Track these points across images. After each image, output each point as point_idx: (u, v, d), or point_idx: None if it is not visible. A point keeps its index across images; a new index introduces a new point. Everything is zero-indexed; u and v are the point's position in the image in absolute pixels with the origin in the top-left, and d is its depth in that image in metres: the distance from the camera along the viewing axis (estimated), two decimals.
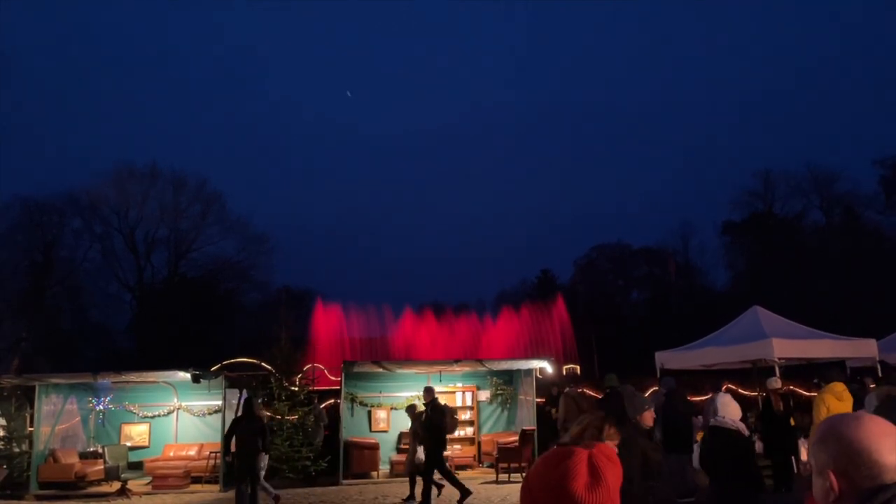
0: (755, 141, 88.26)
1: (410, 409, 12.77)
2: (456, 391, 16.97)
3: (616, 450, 4.05)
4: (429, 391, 12.28)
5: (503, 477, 14.07)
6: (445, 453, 12.03)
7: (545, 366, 15.30)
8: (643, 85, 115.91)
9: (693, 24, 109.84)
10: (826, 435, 1.53)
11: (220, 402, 14.92)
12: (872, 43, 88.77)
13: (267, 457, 11.19)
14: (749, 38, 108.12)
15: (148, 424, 16.28)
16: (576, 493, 1.34)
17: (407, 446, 15.90)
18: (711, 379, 16.03)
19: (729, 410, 6.51)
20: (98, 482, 14.64)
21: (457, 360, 15.86)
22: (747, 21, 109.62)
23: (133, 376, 15.51)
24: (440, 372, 16.48)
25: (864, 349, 13.82)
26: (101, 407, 16.31)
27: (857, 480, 1.44)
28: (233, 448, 11.46)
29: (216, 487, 14.04)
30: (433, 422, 11.59)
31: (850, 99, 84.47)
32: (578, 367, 21.85)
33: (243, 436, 10.59)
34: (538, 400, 15.69)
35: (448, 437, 12.37)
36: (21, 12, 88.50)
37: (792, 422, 11.76)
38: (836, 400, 8.87)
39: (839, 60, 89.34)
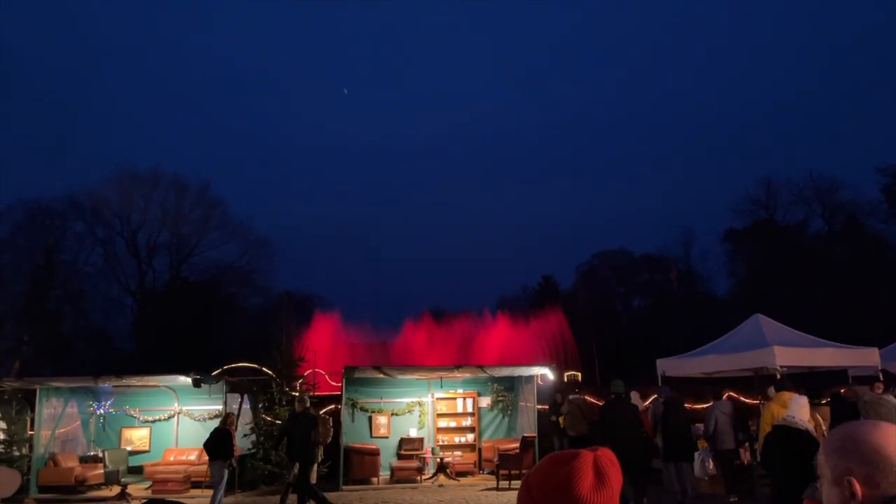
0: (757, 149, 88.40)
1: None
2: (457, 397, 16.97)
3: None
4: (300, 401, 12.03)
5: (504, 484, 14.03)
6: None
7: (546, 372, 15.29)
8: (646, 92, 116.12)
9: (695, 31, 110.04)
10: (846, 442, 1.49)
11: (220, 407, 14.90)
12: (875, 51, 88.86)
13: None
14: (752, 47, 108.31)
15: (148, 428, 16.27)
16: (581, 494, 1.35)
17: (407, 452, 15.94)
18: (712, 387, 15.99)
19: (802, 412, 6.60)
20: (98, 486, 14.64)
21: (458, 367, 15.84)
22: (750, 30, 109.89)
23: (134, 380, 15.49)
24: (441, 378, 16.47)
25: (865, 358, 13.78)
26: (102, 411, 16.31)
27: (884, 487, 1.41)
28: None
29: None
30: (300, 433, 11.39)
31: (852, 107, 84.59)
32: (580, 374, 21.80)
33: (294, 437, 11.48)
34: (539, 407, 15.68)
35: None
36: (25, 16, 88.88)
37: None
38: (782, 408, 9.08)
39: (842, 69, 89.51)
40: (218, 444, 11.34)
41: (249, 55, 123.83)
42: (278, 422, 14.99)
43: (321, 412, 16.18)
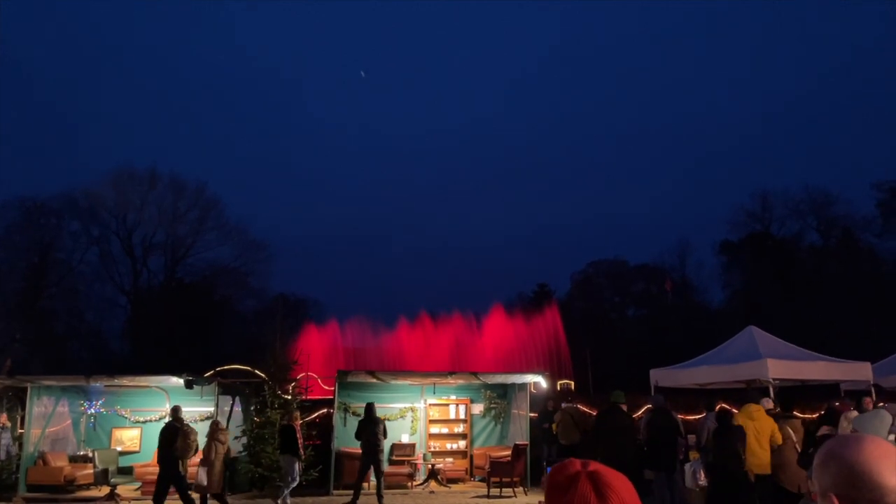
0: (754, 161, 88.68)
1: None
2: (449, 403, 16.93)
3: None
4: (173, 409, 11.98)
5: (494, 491, 13.99)
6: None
7: (539, 380, 15.28)
8: (644, 103, 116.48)
9: (693, 43, 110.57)
10: (827, 458, 1.52)
11: (212, 409, 14.86)
12: (872, 66, 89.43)
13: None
14: (749, 60, 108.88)
15: (139, 429, 16.21)
16: None
17: (399, 458, 15.88)
18: (706, 398, 16.00)
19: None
20: (87, 486, 14.57)
21: (451, 373, 15.82)
22: (747, 43, 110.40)
23: (126, 380, 15.44)
24: (434, 384, 16.45)
25: (858, 372, 13.83)
26: (93, 410, 16.24)
27: (860, 503, 1.44)
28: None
29: None
30: (162, 443, 11.19)
31: (849, 122, 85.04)
32: (573, 383, 21.78)
33: (368, 436, 12.70)
34: (532, 414, 15.66)
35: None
36: (22, 14, 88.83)
37: None
38: (749, 420, 9.34)
39: (838, 83, 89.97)
40: (285, 438, 12.61)
41: (246, 57, 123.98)
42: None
43: (312, 416, 16.15)
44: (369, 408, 13.41)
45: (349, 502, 12.79)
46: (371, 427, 12.95)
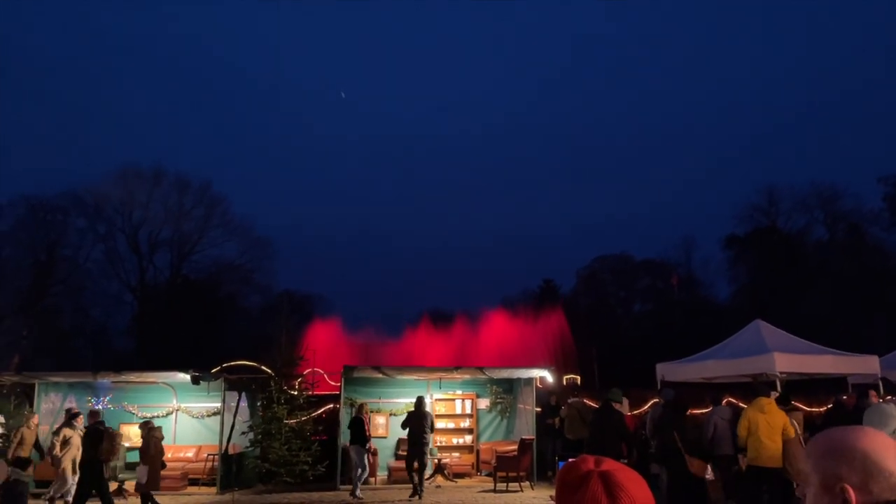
0: (760, 156, 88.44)
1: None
2: (455, 398, 16.94)
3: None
4: (91, 414, 11.67)
5: (501, 486, 14.00)
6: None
7: (545, 375, 15.26)
8: (649, 99, 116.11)
9: (699, 39, 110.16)
10: (835, 448, 1.49)
11: (219, 405, 14.89)
12: (878, 60, 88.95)
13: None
14: (755, 55, 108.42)
15: None
16: None
17: (405, 453, 15.88)
18: (712, 392, 15.97)
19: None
20: None
21: (457, 368, 15.82)
22: (754, 38, 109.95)
23: (133, 376, 15.49)
24: (440, 379, 16.45)
25: (865, 365, 13.78)
26: (100, 406, 16.27)
27: (877, 493, 1.41)
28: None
29: (213, 490, 14.00)
30: (86, 447, 10.98)
31: (855, 116, 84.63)
32: (579, 378, 21.75)
33: (414, 428, 13.13)
34: (538, 409, 15.65)
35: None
36: (27, 12, 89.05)
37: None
38: (759, 413, 9.37)
39: (845, 77, 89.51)
40: (355, 430, 13.33)
41: (252, 55, 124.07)
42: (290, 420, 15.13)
43: (319, 412, 16.14)
44: (419, 401, 13.65)
45: (412, 494, 13.01)
46: (418, 420, 13.22)
